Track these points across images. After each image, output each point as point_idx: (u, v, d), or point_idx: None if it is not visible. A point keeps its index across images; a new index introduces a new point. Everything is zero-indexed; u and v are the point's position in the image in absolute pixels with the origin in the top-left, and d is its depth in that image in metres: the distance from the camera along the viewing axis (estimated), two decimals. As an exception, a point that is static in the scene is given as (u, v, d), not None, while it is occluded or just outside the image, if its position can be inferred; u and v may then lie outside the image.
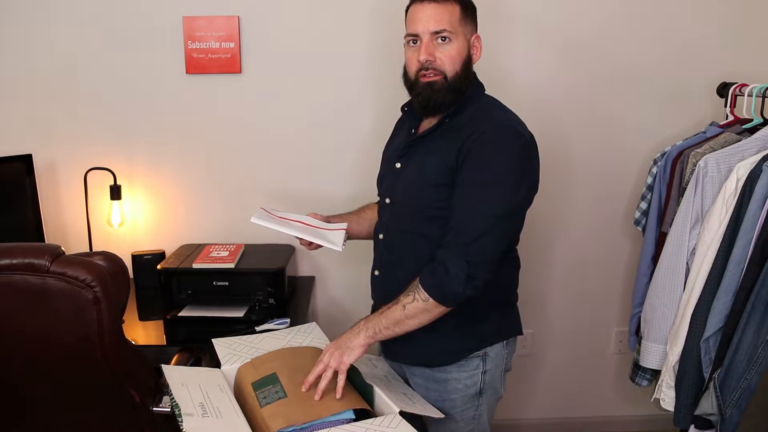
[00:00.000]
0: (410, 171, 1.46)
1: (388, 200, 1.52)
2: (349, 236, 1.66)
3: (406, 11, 1.46)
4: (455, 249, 1.31)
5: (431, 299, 1.31)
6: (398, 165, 1.49)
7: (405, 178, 1.46)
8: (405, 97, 1.54)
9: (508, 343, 1.53)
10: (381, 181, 1.60)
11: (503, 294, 1.53)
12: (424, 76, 1.40)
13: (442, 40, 1.38)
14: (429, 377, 1.50)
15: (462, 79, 1.41)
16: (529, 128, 1.44)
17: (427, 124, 1.49)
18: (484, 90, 1.52)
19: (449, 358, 1.47)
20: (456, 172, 1.36)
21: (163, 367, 1.37)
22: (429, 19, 1.37)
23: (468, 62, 1.42)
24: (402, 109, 1.58)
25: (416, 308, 1.32)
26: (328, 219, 1.68)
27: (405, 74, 1.47)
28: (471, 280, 1.30)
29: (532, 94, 2.25)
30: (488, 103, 1.47)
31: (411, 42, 1.43)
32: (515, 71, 2.22)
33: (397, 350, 1.54)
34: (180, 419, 1.17)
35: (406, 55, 1.45)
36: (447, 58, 1.39)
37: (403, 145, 1.51)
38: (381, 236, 1.53)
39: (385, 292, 1.52)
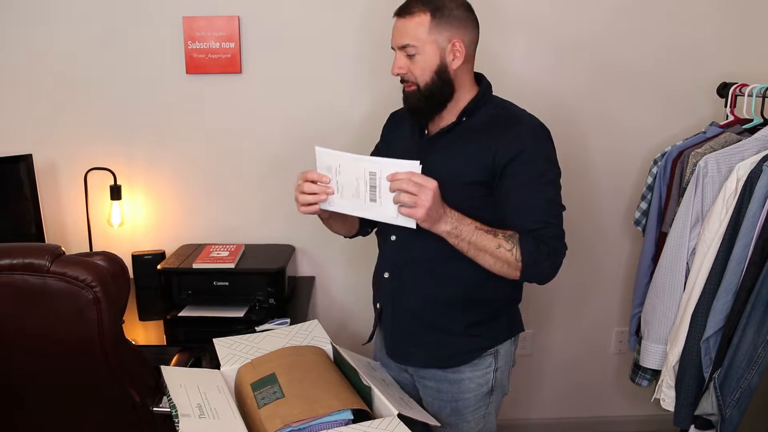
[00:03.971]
0: (434, 170, 1.42)
1: None
2: (332, 229, 1.63)
3: None
4: (553, 235, 1.38)
5: (521, 265, 1.33)
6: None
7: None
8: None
9: (515, 339, 1.57)
10: None
11: (515, 292, 1.55)
12: (405, 84, 1.45)
13: (409, 53, 1.40)
14: (441, 379, 1.50)
15: (437, 86, 1.41)
16: None
17: (436, 125, 1.49)
18: (492, 90, 1.53)
19: (463, 358, 1.48)
20: (495, 172, 1.39)
21: (162, 368, 1.37)
22: (396, 34, 1.42)
23: (442, 69, 1.41)
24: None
25: (505, 257, 1.33)
26: None
27: None
28: (558, 269, 1.38)
29: (531, 94, 2.23)
30: (502, 103, 1.50)
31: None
32: (514, 71, 2.22)
33: (410, 353, 1.54)
34: (176, 420, 1.17)
35: None
36: (416, 70, 1.41)
37: (415, 146, 1.50)
38: (393, 238, 1.51)
39: (395, 295, 1.53)
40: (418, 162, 1.28)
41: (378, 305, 1.60)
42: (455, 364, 1.49)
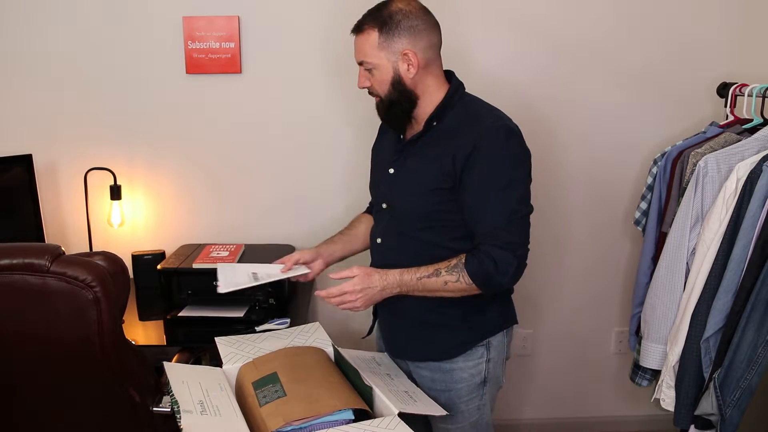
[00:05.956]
0: (405, 176, 1.50)
1: (384, 205, 1.55)
2: (344, 256, 1.71)
3: None
4: (500, 245, 1.37)
5: (476, 286, 1.39)
6: (391, 171, 1.53)
7: (401, 184, 1.50)
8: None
9: (508, 332, 1.60)
10: (375, 186, 1.63)
11: None
12: (374, 98, 1.51)
13: (366, 68, 1.47)
14: (435, 368, 1.54)
15: (395, 97, 1.45)
16: (530, 129, 1.51)
17: (411, 130, 1.53)
18: (464, 89, 1.53)
19: (456, 350, 1.52)
20: (455, 177, 1.40)
21: (165, 364, 1.37)
22: (355, 51, 1.49)
23: (397, 80, 1.44)
24: None
25: (457, 287, 1.39)
26: (318, 248, 1.68)
27: None
28: (518, 271, 1.40)
29: (532, 94, 2.25)
30: (471, 104, 1.50)
31: None
32: (515, 70, 2.22)
33: (407, 348, 1.58)
34: (178, 416, 1.17)
35: None
36: (375, 84, 1.47)
37: (392, 151, 1.55)
38: (379, 240, 1.58)
39: None
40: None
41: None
42: (449, 356, 1.52)
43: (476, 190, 1.38)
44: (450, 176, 1.40)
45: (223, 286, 1.58)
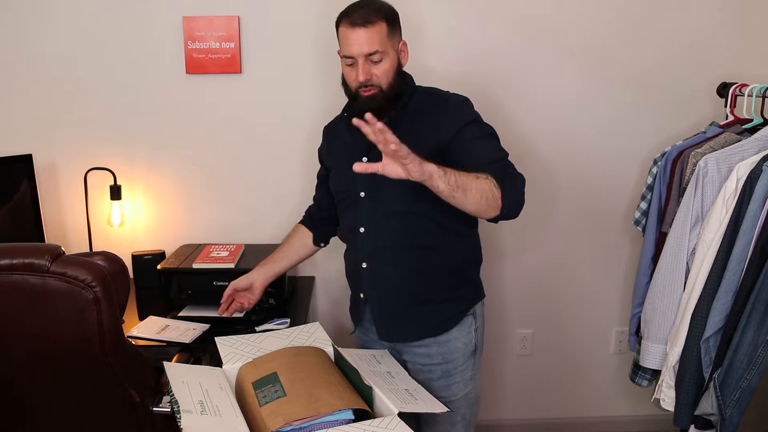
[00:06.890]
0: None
1: (363, 194, 1.59)
2: (278, 273, 1.85)
3: (337, 28, 1.54)
4: (513, 172, 1.46)
5: (501, 192, 1.39)
6: (365, 159, 1.55)
7: None
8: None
9: (483, 302, 1.70)
10: (346, 181, 1.63)
11: (477, 252, 1.69)
12: (364, 91, 1.52)
13: (375, 59, 1.50)
14: (431, 343, 1.61)
15: (397, 85, 1.54)
16: (532, 128, 1.87)
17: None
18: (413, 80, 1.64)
19: (450, 322, 1.61)
20: (442, 143, 1.50)
21: (165, 363, 1.37)
22: (362, 43, 1.48)
23: (399, 69, 1.56)
24: (342, 115, 1.69)
25: (488, 190, 1.37)
26: (249, 275, 1.83)
27: (344, 84, 1.58)
28: (524, 196, 1.47)
29: (533, 95, 2.25)
30: (422, 89, 1.63)
31: (347, 61, 1.53)
32: (515, 71, 2.22)
33: (403, 331, 1.62)
34: (178, 416, 1.17)
35: (344, 70, 1.56)
36: (382, 74, 1.51)
37: (360, 145, 1.57)
38: (362, 229, 1.61)
39: (377, 281, 1.62)
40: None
41: (362, 295, 1.68)
42: (445, 329, 1.60)
43: (476, 140, 1.50)
44: (437, 144, 1.49)
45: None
